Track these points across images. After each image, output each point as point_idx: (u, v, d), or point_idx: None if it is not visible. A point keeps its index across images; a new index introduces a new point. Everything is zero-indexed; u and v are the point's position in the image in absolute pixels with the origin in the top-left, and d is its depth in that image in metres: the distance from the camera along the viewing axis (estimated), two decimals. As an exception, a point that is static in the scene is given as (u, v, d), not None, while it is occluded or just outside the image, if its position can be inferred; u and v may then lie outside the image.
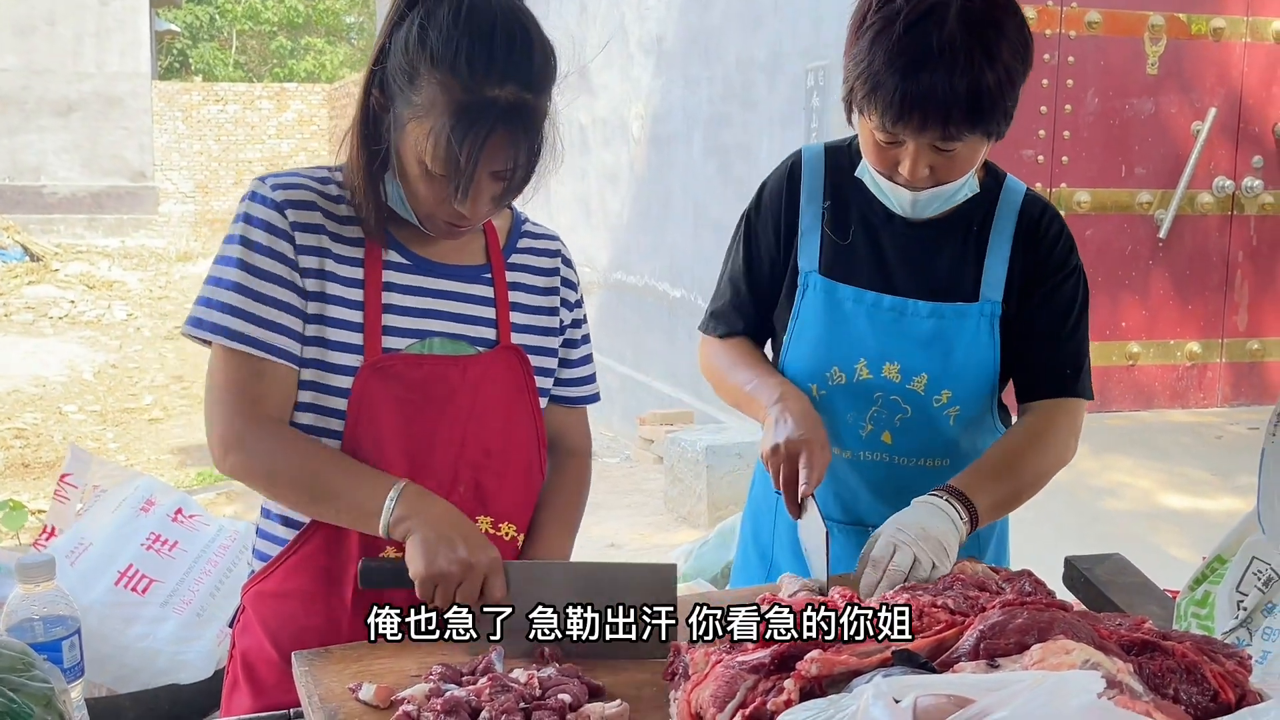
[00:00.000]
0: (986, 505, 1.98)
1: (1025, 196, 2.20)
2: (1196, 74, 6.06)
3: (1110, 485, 5.37)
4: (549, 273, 2.06)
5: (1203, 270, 6.24)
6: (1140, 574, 1.95)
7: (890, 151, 2.01)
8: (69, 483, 3.60)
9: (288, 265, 1.80)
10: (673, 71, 8.11)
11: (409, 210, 1.82)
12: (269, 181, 1.84)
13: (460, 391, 1.87)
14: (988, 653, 1.28)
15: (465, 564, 1.65)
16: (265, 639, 1.88)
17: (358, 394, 1.81)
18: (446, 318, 1.90)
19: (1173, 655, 1.29)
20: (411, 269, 1.89)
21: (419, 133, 1.71)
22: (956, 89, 1.88)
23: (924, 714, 0.97)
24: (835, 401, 2.19)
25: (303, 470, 1.77)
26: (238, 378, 1.79)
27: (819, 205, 2.22)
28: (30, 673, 1.26)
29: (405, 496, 1.72)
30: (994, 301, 2.14)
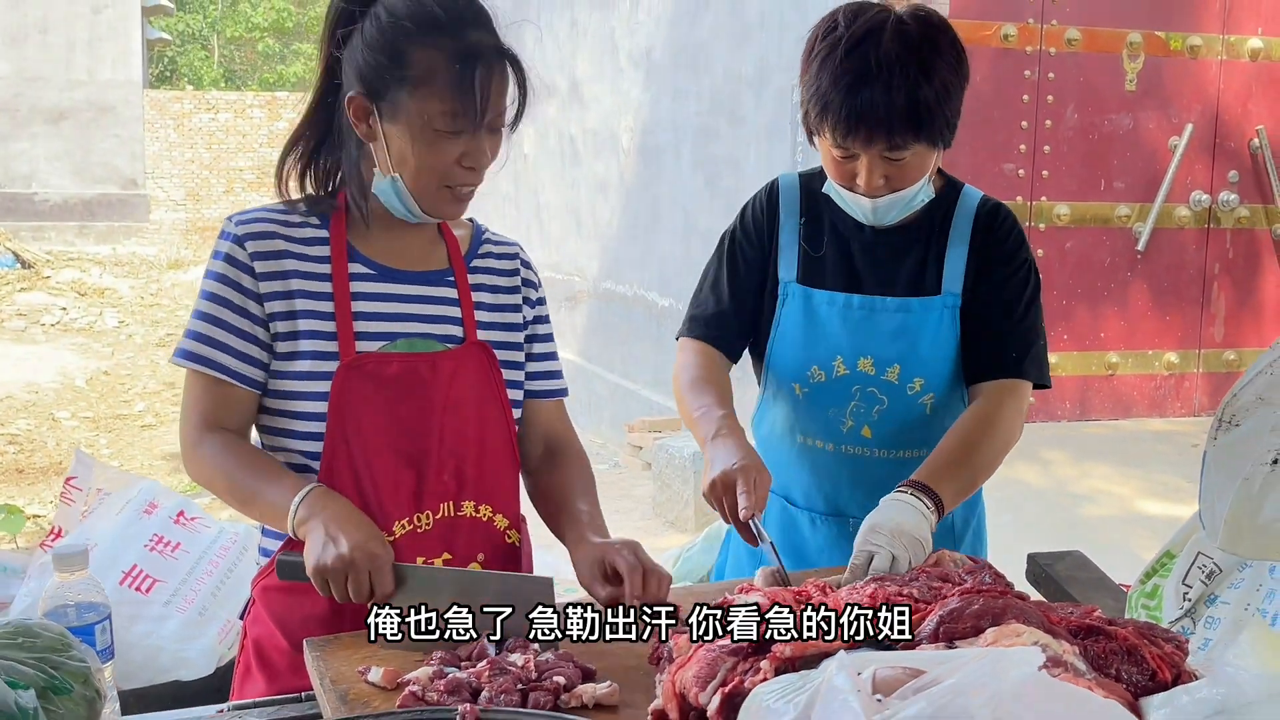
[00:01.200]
0: (950, 494, 2.10)
1: (980, 200, 2.37)
2: (1174, 91, 6.18)
3: (1088, 491, 5.48)
4: (510, 274, 2.20)
5: (1180, 282, 6.37)
6: (1098, 570, 2.07)
7: (847, 165, 2.20)
8: (74, 486, 3.68)
9: (245, 294, 1.97)
10: (662, 85, 8.21)
11: (408, 202, 1.97)
12: (234, 219, 2.02)
13: (433, 385, 2.01)
14: (946, 635, 1.39)
15: (345, 560, 1.77)
16: (275, 628, 2.00)
17: (336, 392, 1.95)
18: (414, 319, 2.04)
19: (1115, 638, 1.41)
20: (377, 277, 2.04)
21: (426, 97, 1.88)
22: (896, 102, 2.07)
23: (881, 683, 1.09)
24: (818, 398, 2.34)
25: (230, 476, 1.93)
26: (198, 397, 1.97)
27: (796, 222, 2.40)
28: (69, 652, 1.37)
29: (309, 499, 1.86)
30: (954, 294, 2.31)
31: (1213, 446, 1.57)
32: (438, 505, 2.01)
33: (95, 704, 1.36)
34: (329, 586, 1.78)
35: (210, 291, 1.98)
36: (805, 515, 2.40)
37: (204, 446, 1.95)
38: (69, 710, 1.32)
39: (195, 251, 21.88)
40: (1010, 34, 5.90)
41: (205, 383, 1.96)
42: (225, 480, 1.94)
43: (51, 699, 1.31)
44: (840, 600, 1.56)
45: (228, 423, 1.98)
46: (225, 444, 1.96)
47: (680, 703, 1.49)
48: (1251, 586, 1.63)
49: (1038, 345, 2.36)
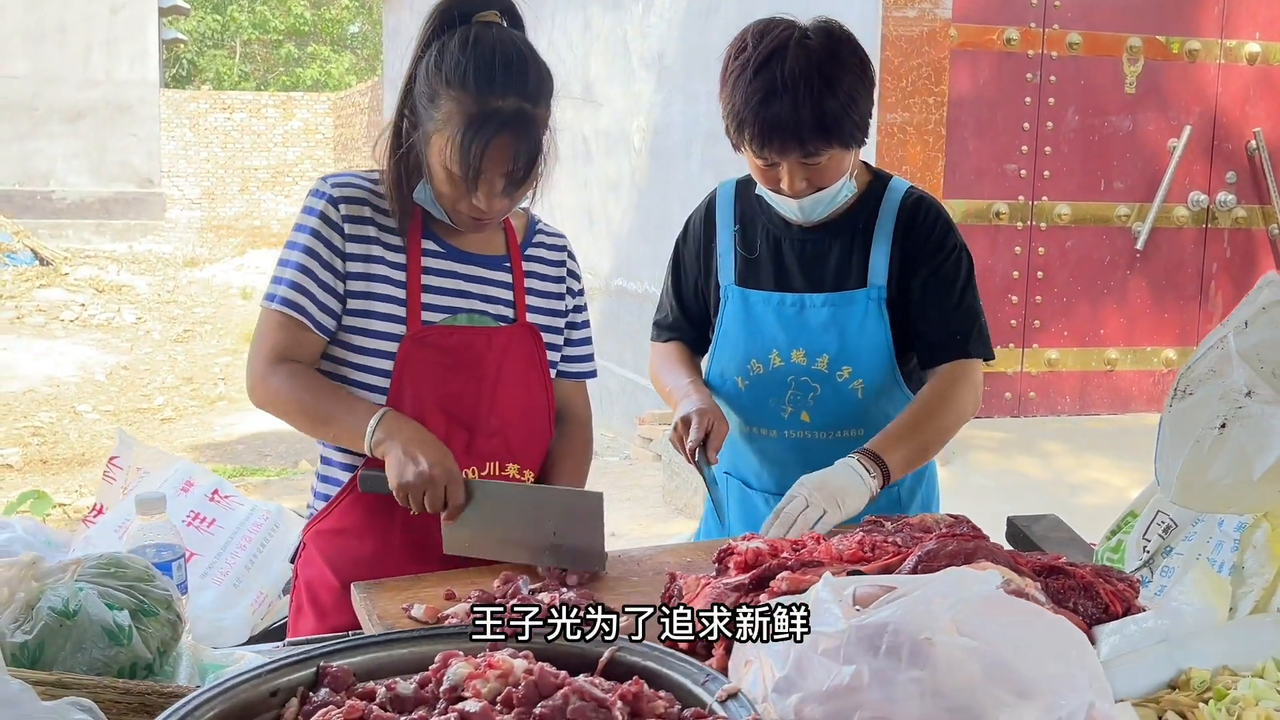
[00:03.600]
0: (897, 460, 2.31)
1: (905, 193, 2.54)
2: (1173, 93, 6.26)
3: (1086, 482, 5.57)
4: (558, 264, 2.43)
5: (1178, 281, 6.44)
6: (1071, 531, 2.25)
7: (770, 172, 2.38)
8: (116, 465, 3.88)
9: (334, 251, 2.18)
10: (673, 87, 8.33)
11: (439, 209, 2.19)
12: (330, 181, 2.23)
13: (487, 358, 2.23)
14: (923, 573, 1.58)
15: (425, 475, 2.00)
16: (327, 569, 2.22)
17: (401, 360, 2.17)
18: (473, 297, 2.26)
19: (1074, 577, 1.59)
20: (445, 255, 2.25)
21: (441, 142, 2.08)
22: (802, 115, 2.24)
23: (860, 597, 1.27)
24: (758, 389, 2.55)
25: (305, 400, 2.14)
26: (278, 334, 2.17)
27: (731, 229, 2.60)
28: (154, 582, 1.56)
29: (384, 421, 2.08)
30: (879, 286, 2.48)
31: (1169, 413, 1.75)
32: (484, 464, 2.23)
33: (177, 626, 1.55)
34: (408, 499, 2.02)
35: (303, 244, 2.17)
36: (760, 495, 2.60)
37: (276, 374, 2.15)
38: (156, 630, 1.51)
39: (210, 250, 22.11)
40: (1013, 38, 6.02)
41: (286, 323, 2.16)
42: (298, 403, 2.14)
43: (141, 619, 1.50)
44: (832, 548, 1.74)
45: (298, 358, 2.18)
46: (296, 371, 2.16)
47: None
48: (1203, 539, 1.82)
49: (979, 323, 2.53)
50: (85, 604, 1.45)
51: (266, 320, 2.19)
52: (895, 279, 2.49)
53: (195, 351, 14.13)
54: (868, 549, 1.70)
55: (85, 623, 1.44)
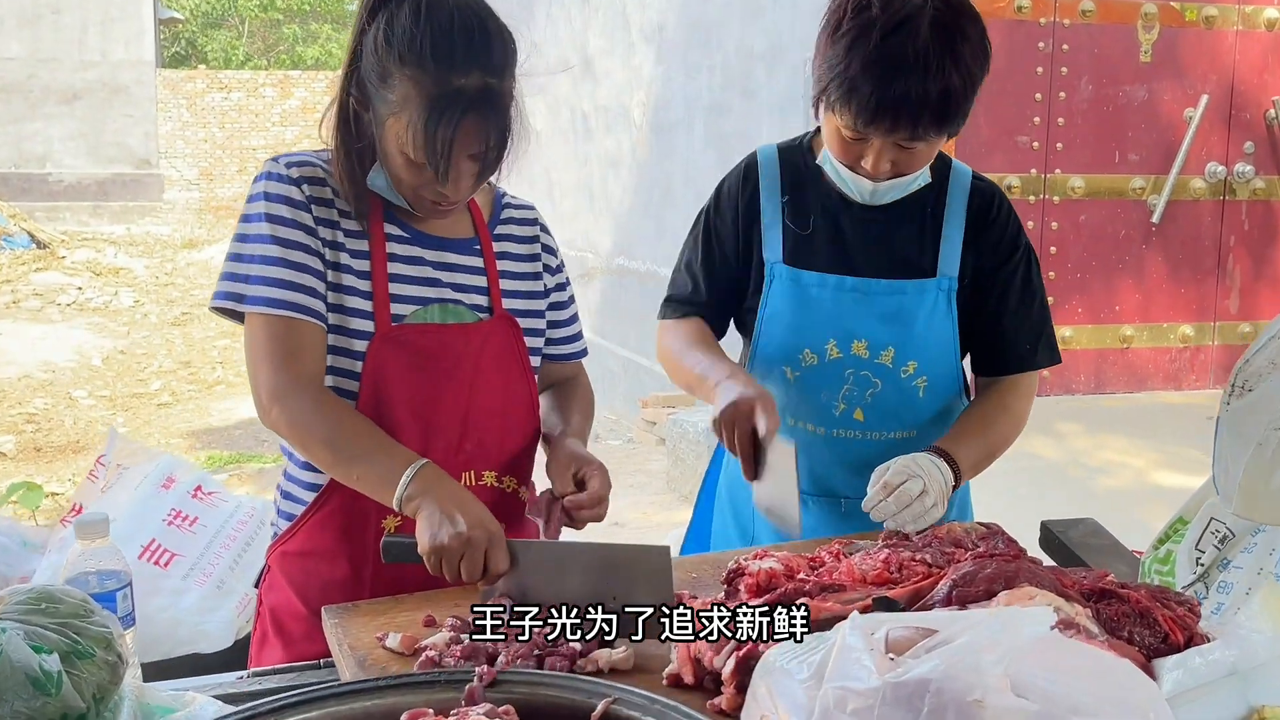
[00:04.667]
0: (967, 463, 2.13)
1: (972, 179, 2.35)
2: (1189, 61, 6.11)
3: (1103, 464, 5.46)
4: (530, 241, 2.21)
5: (1195, 255, 6.30)
6: (1111, 536, 2.08)
7: (855, 147, 2.17)
8: (101, 463, 3.72)
9: (309, 234, 1.96)
10: (673, 60, 8.17)
11: (397, 195, 1.98)
12: (282, 161, 2.00)
13: (464, 357, 2.03)
14: (959, 599, 1.40)
15: (463, 539, 1.76)
16: (293, 595, 2.03)
17: (371, 362, 1.96)
18: (444, 286, 2.05)
19: (1128, 601, 1.42)
20: (410, 241, 2.04)
21: (398, 127, 1.87)
22: (929, 95, 2.03)
23: (894, 643, 1.10)
24: (809, 382, 2.33)
25: (335, 433, 1.89)
26: (279, 340, 1.93)
27: (778, 200, 2.36)
28: (91, 618, 1.38)
29: (420, 475, 1.84)
30: (950, 277, 2.29)
31: (1226, 412, 1.58)
32: (459, 474, 2.02)
33: (117, 668, 1.37)
34: (441, 565, 1.78)
35: (269, 234, 1.94)
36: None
37: (300, 398, 1.91)
38: (91, 674, 1.34)
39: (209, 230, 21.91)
40: (1024, 5, 5.85)
41: (280, 327, 1.93)
42: (324, 437, 1.90)
43: (74, 663, 1.33)
44: (853, 566, 1.57)
45: (309, 366, 1.94)
46: (321, 396, 1.93)
47: (695, 666, 1.51)
48: (1265, 550, 1.64)
49: (1048, 329, 2.36)
50: (6, 648, 1.27)
51: (260, 330, 1.94)
52: (968, 274, 2.31)
53: (193, 335, 13.98)
54: (894, 569, 1.52)
55: (6, 670, 1.26)
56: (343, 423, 1.91)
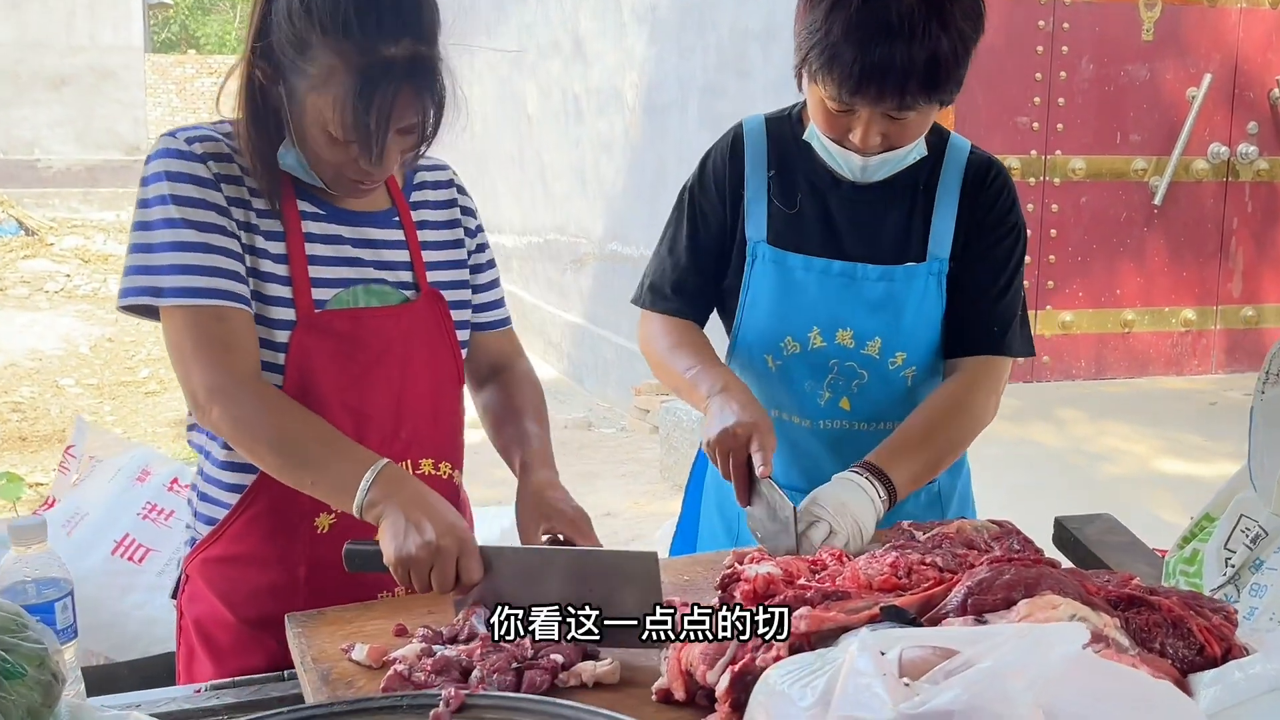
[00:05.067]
0: (904, 478, 1.98)
1: (970, 153, 2.21)
2: (1192, 40, 6.03)
3: (1105, 451, 5.38)
4: (447, 205, 2.07)
5: (1198, 237, 6.24)
6: (1129, 533, 1.96)
7: (842, 119, 2.02)
8: (71, 454, 3.60)
9: (224, 214, 1.79)
10: (667, 40, 8.05)
11: (312, 175, 1.82)
12: (181, 136, 1.83)
13: (394, 341, 1.90)
14: (975, 608, 1.28)
15: (432, 548, 1.62)
16: (219, 604, 1.88)
17: (295, 352, 1.82)
18: (366, 264, 1.91)
19: (1159, 610, 1.30)
20: (327, 218, 1.89)
21: (321, 103, 1.71)
22: (915, 60, 1.88)
23: (909, 665, 0.98)
24: (792, 371, 2.20)
25: (285, 435, 1.75)
26: (207, 332, 1.77)
27: (764, 175, 2.22)
28: (23, 633, 1.26)
29: (381, 479, 1.69)
30: (941, 259, 2.16)
31: (1260, 401, 1.47)
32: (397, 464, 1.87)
33: (52, 688, 1.25)
34: (409, 576, 1.64)
35: (178, 218, 1.76)
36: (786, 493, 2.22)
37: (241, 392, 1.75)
38: (22, 696, 1.21)
39: (200, 217, 21.72)
40: (1024, -18, 5.75)
41: (206, 317, 1.76)
42: (273, 438, 1.74)
43: (2, 684, 1.21)
44: (858, 570, 1.45)
45: (245, 358, 1.78)
46: (267, 394, 1.77)
47: (686, 681, 1.39)
48: (1301, 551, 1.52)
49: (1021, 316, 2.22)
50: (-76, 670, 1.16)
51: (183, 323, 1.77)
52: (958, 250, 2.16)
53: (182, 322, 13.85)
54: (902, 573, 1.40)
55: (-77, 694, 1.14)
56: (291, 422, 1.76)
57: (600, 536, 1.85)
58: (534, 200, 10.48)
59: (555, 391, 9.21)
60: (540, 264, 10.37)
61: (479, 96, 11.76)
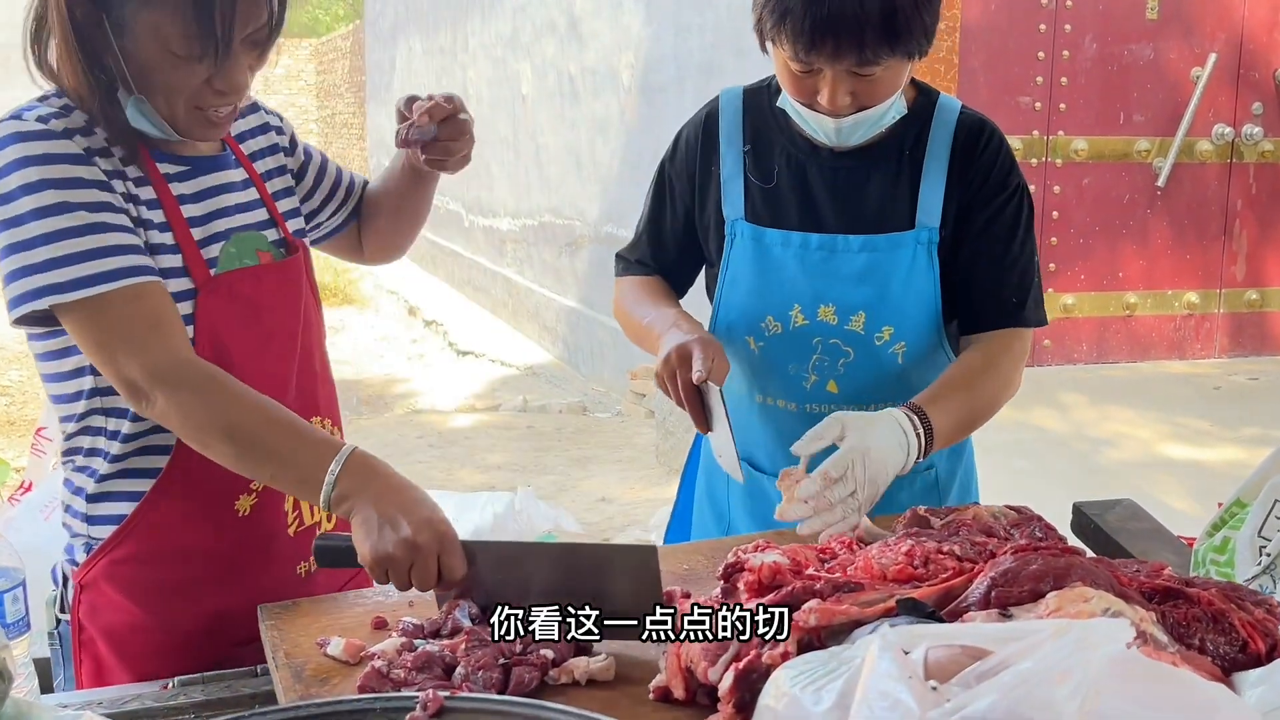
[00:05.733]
0: (945, 423, 1.89)
1: (960, 114, 2.11)
2: (1197, 19, 5.94)
3: (1109, 436, 5.30)
4: (261, 130, 1.97)
5: (1201, 219, 6.16)
6: (1153, 519, 1.87)
7: (808, 81, 1.93)
8: (44, 436, 3.51)
9: (107, 190, 1.65)
10: (663, 19, 7.96)
11: (159, 123, 1.67)
12: (29, 116, 1.65)
13: (289, 298, 1.83)
14: (1000, 601, 1.19)
15: (411, 546, 1.51)
16: (134, 608, 1.74)
17: (202, 320, 1.70)
18: (234, 211, 1.81)
19: (1198, 603, 1.20)
20: (190, 173, 1.77)
21: (157, 19, 1.58)
22: (868, 10, 1.80)
23: (935, 667, 0.88)
24: (775, 353, 2.10)
25: (239, 423, 1.61)
26: (129, 314, 1.62)
27: (739, 150, 2.14)
28: (-33, 628, 1.17)
29: (348, 469, 1.57)
30: (930, 228, 2.05)
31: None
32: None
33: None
34: (388, 575, 1.54)
35: (58, 202, 1.59)
36: (772, 480, 2.07)
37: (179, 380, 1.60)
38: (-37, 696, 1.12)
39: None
40: (1028, -40, 5.66)
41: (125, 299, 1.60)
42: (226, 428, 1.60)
43: (-59, 683, 1.11)
44: (870, 558, 1.35)
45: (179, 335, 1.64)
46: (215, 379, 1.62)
47: (687, 679, 1.30)
48: (1342, 539, 1.43)
49: (1036, 284, 2.11)
50: None
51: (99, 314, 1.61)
52: (950, 220, 2.05)
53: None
54: (918, 562, 1.30)
55: None
56: (245, 408, 1.62)
57: (595, 522, 1.77)
58: (529, 183, 10.38)
59: (550, 375, 9.13)
60: (535, 247, 10.27)
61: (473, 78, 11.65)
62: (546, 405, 8.12)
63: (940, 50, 5.42)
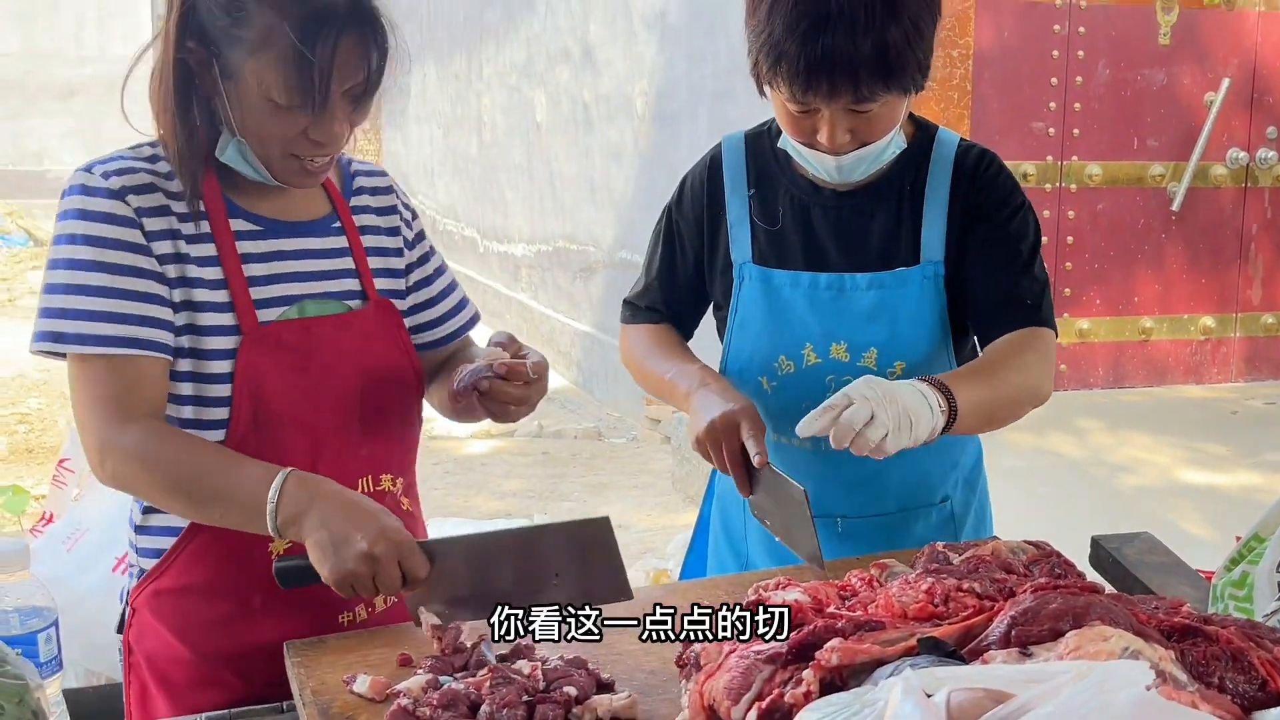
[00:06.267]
0: (967, 401, 1.87)
1: (959, 147, 2.13)
2: (1210, 44, 5.95)
3: (1126, 462, 5.29)
4: (388, 211, 2.00)
5: (1217, 244, 6.15)
6: (1171, 553, 1.87)
7: (806, 120, 1.95)
8: (66, 468, 3.52)
9: (142, 254, 1.71)
10: (676, 47, 7.99)
11: (256, 166, 1.73)
12: (97, 170, 1.73)
13: (346, 351, 1.82)
14: (1020, 640, 1.20)
15: (369, 558, 1.54)
16: (172, 639, 1.78)
17: (242, 370, 1.73)
18: (311, 278, 1.83)
19: (1216, 641, 1.21)
20: (264, 234, 1.81)
21: (261, 66, 1.64)
22: (861, 49, 1.82)
23: (958, 710, 0.89)
24: (788, 392, 2.11)
25: (180, 470, 1.64)
26: (105, 382, 1.68)
27: (744, 195, 2.16)
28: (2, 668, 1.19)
29: (286, 493, 1.59)
30: (935, 262, 2.07)
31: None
32: (356, 483, 1.81)
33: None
34: (354, 589, 1.56)
35: (89, 260, 1.67)
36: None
37: (128, 439, 1.65)
38: (-2, 736, 1.14)
39: (208, 227, 21.75)
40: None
41: (109, 365, 1.67)
42: (170, 477, 1.64)
43: (-23, 724, 1.13)
44: (893, 601, 1.36)
45: (143, 406, 1.68)
46: (152, 434, 1.66)
47: (709, 716, 1.30)
48: (1360, 574, 1.44)
49: (1048, 294, 2.12)
50: (-107, 710, 1.08)
51: (83, 373, 1.68)
52: (954, 252, 2.08)
53: (190, 332, 13.82)
54: (938, 600, 1.31)
55: (-108, 736, 1.07)
56: (182, 456, 1.66)
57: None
58: (543, 209, 10.41)
59: (565, 401, 9.14)
60: (550, 272, 10.30)
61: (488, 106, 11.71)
62: (562, 431, 8.13)
63: (954, 78, 5.45)
